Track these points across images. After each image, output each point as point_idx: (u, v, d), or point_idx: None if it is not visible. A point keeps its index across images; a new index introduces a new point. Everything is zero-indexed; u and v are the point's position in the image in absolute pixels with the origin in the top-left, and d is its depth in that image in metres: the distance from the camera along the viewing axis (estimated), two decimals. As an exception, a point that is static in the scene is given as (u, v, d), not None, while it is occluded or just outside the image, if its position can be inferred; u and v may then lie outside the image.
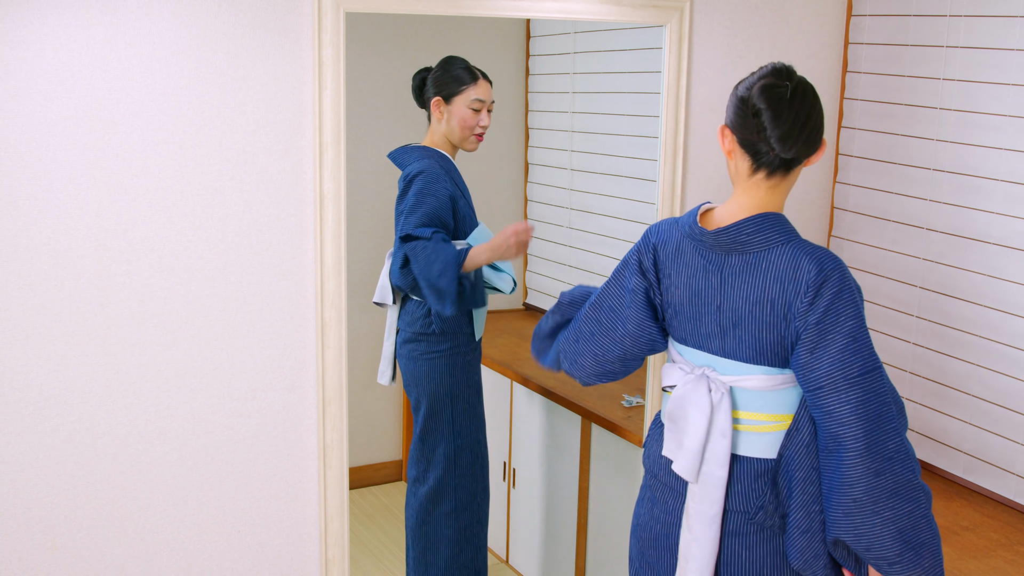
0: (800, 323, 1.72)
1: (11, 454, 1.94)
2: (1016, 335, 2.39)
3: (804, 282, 1.72)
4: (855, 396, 1.68)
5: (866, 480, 1.67)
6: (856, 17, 2.78)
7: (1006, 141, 2.39)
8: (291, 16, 2.03)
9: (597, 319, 1.96)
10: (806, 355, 1.72)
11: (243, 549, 2.18)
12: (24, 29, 1.83)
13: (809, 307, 1.71)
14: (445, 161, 2.67)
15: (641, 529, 1.98)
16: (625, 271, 1.95)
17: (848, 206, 2.84)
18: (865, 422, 1.68)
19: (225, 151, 2.02)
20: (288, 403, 2.17)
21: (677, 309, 1.88)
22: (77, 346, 1.96)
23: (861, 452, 1.68)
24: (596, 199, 2.96)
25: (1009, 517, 2.39)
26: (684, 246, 1.86)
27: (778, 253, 1.75)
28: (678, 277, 1.86)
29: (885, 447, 1.68)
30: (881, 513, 1.68)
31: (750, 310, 1.77)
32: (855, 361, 1.69)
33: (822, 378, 1.70)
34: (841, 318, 1.70)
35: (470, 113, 2.64)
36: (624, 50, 2.83)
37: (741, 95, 1.77)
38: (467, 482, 2.76)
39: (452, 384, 2.72)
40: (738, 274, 1.78)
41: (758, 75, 1.77)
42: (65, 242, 1.92)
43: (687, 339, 1.89)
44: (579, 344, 1.99)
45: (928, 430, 2.63)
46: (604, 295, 1.97)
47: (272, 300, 2.11)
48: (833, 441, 1.71)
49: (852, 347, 1.69)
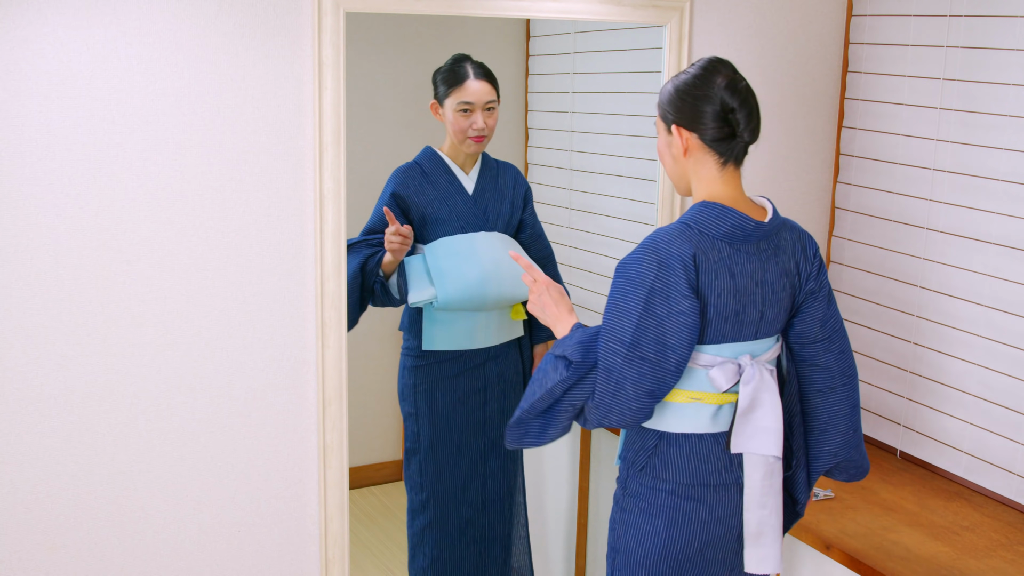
0: (810, 284, 1.94)
1: (11, 454, 1.94)
2: (1016, 335, 2.39)
3: (810, 251, 1.95)
4: (845, 334, 2.01)
5: (856, 400, 2.00)
6: (856, 17, 2.78)
7: (1006, 141, 2.39)
8: (291, 16, 2.03)
9: (643, 358, 1.79)
10: (824, 307, 1.96)
11: (243, 549, 2.18)
12: (24, 29, 1.83)
13: (818, 269, 1.95)
14: (431, 161, 2.62)
15: (675, 545, 1.92)
16: (668, 299, 1.80)
17: (848, 206, 2.84)
18: (851, 354, 2.02)
19: (225, 151, 2.02)
20: (288, 403, 2.17)
21: (719, 312, 1.85)
22: (77, 346, 1.96)
23: (856, 380, 2.01)
24: (596, 199, 2.96)
25: (1009, 517, 2.39)
26: (720, 248, 1.84)
27: (787, 230, 1.94)
28: (722, 281, 1.84)
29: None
30: (858, 424, 2.02)
31: (781, 288, 1.91)
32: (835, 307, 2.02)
33: (837, 323, 1.98)
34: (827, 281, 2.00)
35: (459, 116, 2.57)
36: (624, 50, 2.83)
37: (702, 96, 1.84)
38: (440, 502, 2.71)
39: (413, 400, 2.67)
40: (770, 257, 1.89)
41: (705, 75, 1.85)
42: (65, 242, 1.92)
43: (726, 337, 1.87)
44: (626, 390, 1.80)
45: (928, 430, 2.63)
46: (641, 332, 1.79)
47: (272, 300, 2.11)
48: (843, 377, 1.98)
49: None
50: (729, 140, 1.86)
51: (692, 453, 1.90)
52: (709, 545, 1.93)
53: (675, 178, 1.96)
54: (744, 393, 1.87)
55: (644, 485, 1.93)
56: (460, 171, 2.64)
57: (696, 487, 1.91)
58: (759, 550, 1.93)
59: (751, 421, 1.89)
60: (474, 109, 2.57)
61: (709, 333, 1.86)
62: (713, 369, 1.86)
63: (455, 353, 2.64)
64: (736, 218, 1.85)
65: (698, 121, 1.85)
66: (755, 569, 1.94)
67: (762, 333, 1.91)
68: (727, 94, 1.83)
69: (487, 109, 2.60)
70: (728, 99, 1.82)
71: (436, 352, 2.63)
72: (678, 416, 1.90)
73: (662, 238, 1.83)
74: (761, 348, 1.92)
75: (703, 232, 1.83)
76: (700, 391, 1.88)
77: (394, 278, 2.56)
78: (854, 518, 2.34)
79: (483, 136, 2.61)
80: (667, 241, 1.82)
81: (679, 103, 1.87)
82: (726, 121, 1.84)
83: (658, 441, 1.91)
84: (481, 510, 2.73)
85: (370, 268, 2.50)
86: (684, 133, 1.87)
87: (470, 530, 2.72)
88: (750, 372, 1.87)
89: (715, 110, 1.83)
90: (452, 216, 2.60)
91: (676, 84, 1.88)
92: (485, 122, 2.59)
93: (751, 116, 1.85)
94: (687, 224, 1.85)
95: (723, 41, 2.59)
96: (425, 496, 2.68)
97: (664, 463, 1.91)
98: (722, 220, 1.84)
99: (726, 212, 1.84)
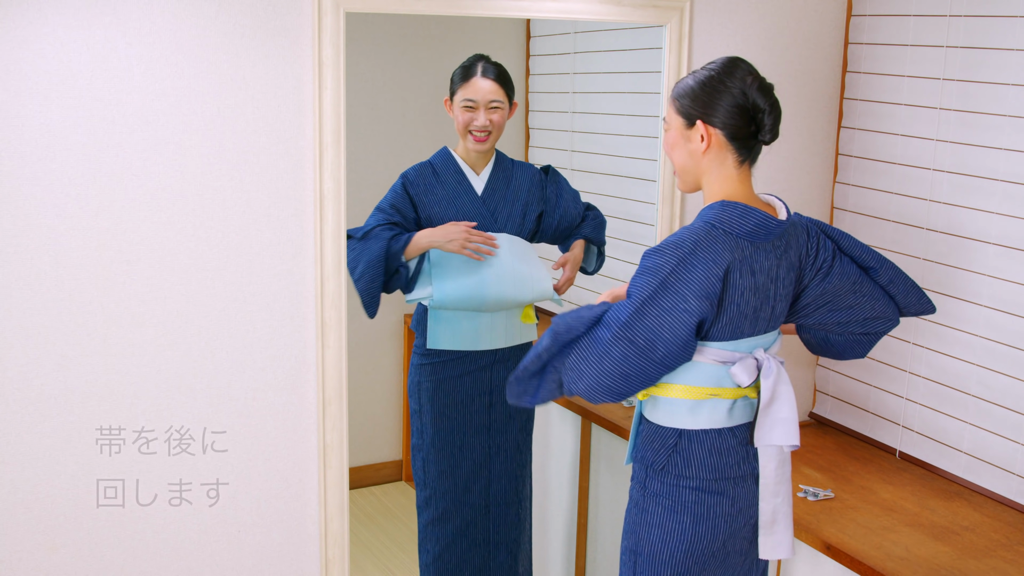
0: (807, 275, 2.00)
1: (11, 454, 1.94)
2: (1016, 335, 2.39)
3: (813, 238, 2.01)
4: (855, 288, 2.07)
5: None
6: (856, 17, 2.78)
7: (1006, 141, 2.39)
8: (291, 16, 2.03)
9: (631, 340, 1.82)
10: (820, 282, 2.01)
11: (243, 549, 2.18)
12: (24, 29, 1.83)
13: (816, 254, 2.01)
14: (443, 161, 2.62)
15: (701, 541, 1.95)
16: (677, 294, 1.82)
17: (848, 206, 2.84)
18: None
19: (225, 151, 2.02)
20: (288, 403, 2.17)
21: (740, 310, 1.88)
22: (77, 346, 1.96)
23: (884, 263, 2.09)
24: (596, 199, 2.96)
25: (1009, 517, 2.39)
26: (743, 247, 1.87)
27: (793, 226, 1.98)
28: (745, 280, 1.87)
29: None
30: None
31: (789, 282, 1.96)
32: (851, 244, 2.06)
33: (841, 288, 2.04)
34: (827, 244, 2.04)
35: (463, 112, 2.58)
36: (624, 50, 2.83)
37: (732, 93, 1.85)
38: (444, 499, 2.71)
39: (418, 398, 2.67)
40: (782, 254, 1.94)
41: (736, 75, 1.86)
42: (65, 242, 1.92)
43: (743, 332, 1.92)
44: (603, 364, 1.84)
45: (928, 430, 2.63)
46: (639, 317, 1.83)
47: (272, 300, 2.11)
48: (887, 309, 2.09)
49: (845, 242, 2.06)
50: (751, 139, 1.89)
51: (714, 448, 1.94)
52: (731, 537, 1.98)
53: (685, 174, 1.95)
54: (765, 387, 1.91)
55: (667, 484, 1.95)
56: (471, 171, 2.63)
57: (719, 481, 1.95)
58: (773, 537, 1.99)
59: (770, 414, 1.93)
60: (477, 107, 2.57)
61: (728, 330, 1.89)
62: (735, 366, 1.90)
63: (460, 353, 2.64)
64: (759, 217, 1.87)
65: (728, 119, 1.86)
66: (769, 555, 2.00)
67: (771, 327, 1.98)
68: (758, 95, 1.85)
69: (491, 108, 2.59)
70: (759, 100, 1.85)
71: (441, 351, 2.63)
72: (696, 412, 1.93)
73: (690, 238, 1.84)
74: (770, 341, 1.99)
75: (727, 232, 1.85)
76: (718, 387, 1.93)
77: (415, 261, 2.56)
78: (854, 518, 2.34)
79: (486, 134, 2.59)
80: (695, 242, 1.83)
81: (705, 98, 1.87)
82: (753, 120, 1.86)
83: (678, 439, 1.94)
84: (485, 513, 2.73)
85: (393, 252, 2.50)
86: (709, 129, 1.88)
87: (472, 532, 2.72)
88: (768, 366, 1.92)
89: (744, 108, 1.86)
90: (459, 216, 2.60)
91: (700, 80, 1.88)
92: (488, 119, 2.58)
93: (777, 119, 1.88)
94: (712, 224, 1.85)
95: (723, 41, 2.59)
96: (428, 493, 2.69)
97: (687, 460, 1.94)
98: (746, 219, 1.86)
99: (749, 211, 1.86)
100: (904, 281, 2.09)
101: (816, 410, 2.98)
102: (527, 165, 2.75)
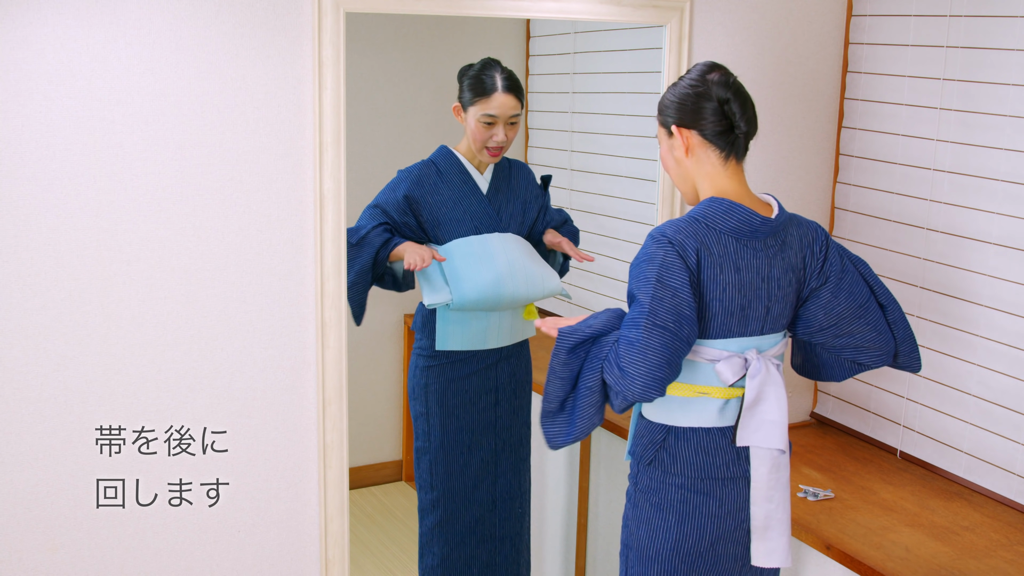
0: (812, 282, 1.99)
1: (11, 454, 1.95)
2: (1016, 335, 2.39)
3: (816, 245, 1.99)
4: (864, 314, 2.05)
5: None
6: (856, 17, 2.78)
7: (1006, 141, 2.39)
8: (291, 16, 2.03)
9: (663, 327, 1.81)
10: (829, 297, 1.99)
11: (243, 549, 2.18)
12: (24, 29, 1.83)
13: (823, 263, 1.99)
14: (446, 160, 2.60)
15: (687, 540, 1.95)
16: (665, 275, 1.84)
17: (848, 206, 2.84)
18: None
19: (225, 151, 2.02)
20: (288, 403, 2.17)
21: (724, 306, 1.89)
22: (77, 346, 1.96)
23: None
24: (596, 199, 2.96)
25: (1009, 517, 2.39)
26: (726, 243, 1.88)
27: (795, 226, 1.98)
28: (727, 276, 1.88)
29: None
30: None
31: (787, 283, 1.95)
32: (868, 272, 2.07)
33: (848, 308, 2.02)
34: (839, 258, 2.03)
35: (481, 127, 2.53)
36: (624, 50, 2.83)
37: (698, 93, 1.90)
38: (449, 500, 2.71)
39: (424, 400, 2.67)
40: (776, 253, 1.93)
41: (699, 74, 1.92)
42: (65, 242, 1.92)
43: (732, 331, 1.91)
44: (649, 358, 1.80)
45: (928, 430, 2.63)
46: (658, 303, 1.82)
47: (272, 300, 2.11)
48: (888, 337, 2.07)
49: (863, 268, 2.06)
50: (728, 133, 1.91)
51: (700, 447, 1.94)
52: (720, 540, 1.97)
53: (682, 184, 1.99)
54: (750, 387, 1.91)
55: (654, 479, 1.97)
56: (475, 171, 2.62)
57: (705, 480, 1.94)
58: (766, 543, 1.97)
59: (756, 414, 1.92)
60: (497, 122, 2.53)
61: (715, 327, 1.90)
62: (720, 363, 1.91)
63: (468, 353, 2.64)
64: (743, 213, 1.88)
65: (697, 117, 1.91)
66: (762, 562, 1.97)
67: (768, 328, 1.95)
68: (719, 88, 1.89)
69: (510, 123, 2.56)
70: (722, 92, 1.89)
71: (449, 352, 2.62)
72: (685, 410, 1.93)
73: (669, 227, 1.88)
74: (768, 343, 1.96)
75: (710, 226, 1.88)
76: (707, 385, 1.93)
77: (399, 265, 2.55)
78: (854, 518, 2.34)
79: (501, 150, 2.58)
80: (674, 230, 1.87)
81: (677, 104, 1.93)
82: (723, 114, 1.90)
83: (666, 435, 1.95)
84: (491, 509, 2.73)
85: (381, 259, 2.50)
86: (684, 132, 1.93)
87: (480, 529, 2.73)
88: (756, 366, 1.91)
89: (712, 105, 1.89)
90: (466, 217, 2.58)
91: (671, 90, 1.96)
92: (506, 135, 2.55)
93: (745, 106, 1.91)
94: (695, 218, 1.89)
95: (723, 41, 2.59)
96: (435, 495, 2.68)
97: (672, 457, 1.95)
98: (729, 215, 1.88)
99: (734, 207, 1.88)
100: (907, 328, 2.09)
101: (817, 410, 2.99)
102: (520, 163, 2.76)
